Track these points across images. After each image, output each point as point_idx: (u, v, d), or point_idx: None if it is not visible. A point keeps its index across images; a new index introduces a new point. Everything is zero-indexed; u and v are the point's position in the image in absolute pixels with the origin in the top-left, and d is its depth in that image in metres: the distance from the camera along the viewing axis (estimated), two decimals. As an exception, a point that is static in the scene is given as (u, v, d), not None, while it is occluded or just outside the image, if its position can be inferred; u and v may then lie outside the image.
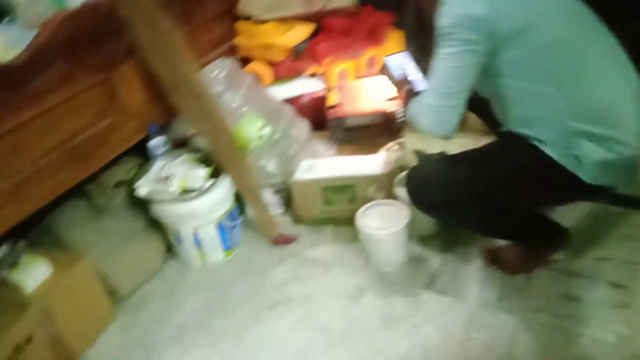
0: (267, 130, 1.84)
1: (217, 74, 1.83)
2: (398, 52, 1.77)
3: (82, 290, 1.56)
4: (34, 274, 1.47)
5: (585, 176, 1.30)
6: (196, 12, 2.04)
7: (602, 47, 1.35)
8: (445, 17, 1.28)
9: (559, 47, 1.30)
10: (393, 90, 1.99)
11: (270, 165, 1.85)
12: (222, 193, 1.77)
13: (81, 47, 1.54)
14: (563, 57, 1.30)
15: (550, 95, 1.30)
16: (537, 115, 1.33)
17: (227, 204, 1.81)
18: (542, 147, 1.32)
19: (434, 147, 2.07)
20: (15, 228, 1.48)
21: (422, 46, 2.36)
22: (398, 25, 2.32)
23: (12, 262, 1.48)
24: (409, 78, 1.62)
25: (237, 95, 1.83)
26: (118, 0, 1.55)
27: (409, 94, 1.57)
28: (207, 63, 1.94)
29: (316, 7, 2.15)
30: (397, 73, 1.65)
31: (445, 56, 1.30)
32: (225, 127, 1.74)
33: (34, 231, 1.74)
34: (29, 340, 1.37)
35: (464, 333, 1.43)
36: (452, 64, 1.29)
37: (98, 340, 1.60)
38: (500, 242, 1.69)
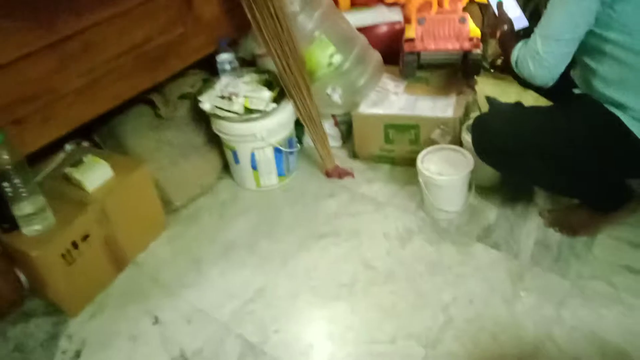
0: (337, 58, 1.77)
1: (295, -8, 1.75)
2: None
3: (138, 196, 1.61)
4: (95, 174, 1.51)
5: None
6: None
7: None
8: None
9: None
10: (478, 30, 1.86)
11: (336, 95, 1.79)
12: (283, 118, 1.75)
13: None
14: None
15: None
16: (631, 77, 1.24)
17: (287, 130, 1.79)
18: (622, 117, 1.26)
19: (508, 95, 1.96)
20: (81, 128, 1.53)
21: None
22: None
23: (75, 161, 1.53)
24: (510, 16, 1.51)
25: (312, 18, 1.75)
26: None
27: (508, 35, 1.46)
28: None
29: None
30: (497, 7, 1.53)
31: (562, 1, 1.23)
32: (296, 50, 1.69)
33: (99, 133, 1.80)
34: (85, 237, 1.44)
35: (511, 289, 1.39)
36: (570, 9, 1.23)
37: (149, 247, 1.66)
38: (563, 203, 1.61)
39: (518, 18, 1.53)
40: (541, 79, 1.32)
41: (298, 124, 1.84)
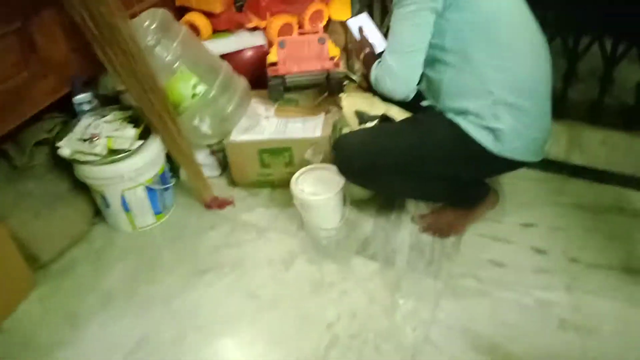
0: (201, 88, 1.75)
1: (148, 24, 1.70)
2: (360, 13, 1.72)
3: (-2, 258, 1.48)
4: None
5: (501, 150, 1.35)
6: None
7: (533, 25, 1.40)
8: None
9: (504, 18, 1.34)
10: (337, 49, 1.94)
11: (204, 125, 1.77)
12: (151, 154, 1.69)
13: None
14: (506, 28, 1.34)
15: (486, 63, 1.33)
16: (466, 84, 1.36)
17: (158, 165, 1.74)
18: (461, 122, 1.36)
19: (377, 107, 2.04)
20: None
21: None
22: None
23: None
24: (370, 40, 1.59)
25: (170, 49, 1.71)
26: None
27: (369, 57, 1.54)
28: (140, 11, 1.82)
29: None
30: (357, 35, 1.61)
31: (404, 15, 1.34)
32: (156, 84, 1.64)
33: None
34: None
35: (390, 299, 1.45)
36: (412, 23, 1.33)
37: (17, 311, 1.53)
38: (431, 206, 1.71)
39: (379, 41, 1.62)
40: (400, 93, 1.42)
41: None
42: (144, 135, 1.70)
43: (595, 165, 1.83)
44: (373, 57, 1.54)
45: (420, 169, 1.45)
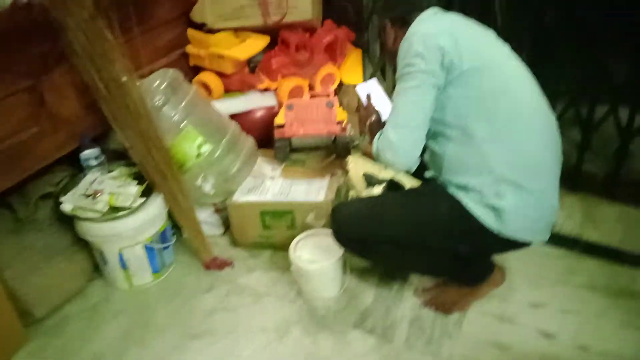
0: (207, 148, 1.75)
1: (158, 84, 1.73)
2: (370, 78, 1.73)
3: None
4: None
5: (503, 229, 1.30)
6: (148, 15, 1.95)
7: (540, 101, 1.38)
8: (409, 48, 1.32)
9: (505, 95, 1.32)
10: (345, 113, 1.94)
11: (208, 185, 1.76)
12: (152, 213, 1.68)
13: (8, 50, 1.46)
14: (507, 105, 1.32)
15: (487, 140, 1.30)
16: (468, 159, 1.33)
17: (158, 224, 1.73)
18: (463, 197, 1.32)
19: (386, 170, 2.02)
20: None
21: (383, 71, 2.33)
22: (358, 44, 2.26)
23: None
24: (377, 108, 1.59)
25: (177, 108, 1.73)
26: (51, 2, 1.47)
27: (374, 125, 1.53)
28: (154, 70, 1.86)
29: (274, 18, 2.07)
30: (366, 100, 1.61)
31: (406, 90, 1.33)
32: (160, 143, 1.66)
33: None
34: None
35: (385, 380, 1.38)
36: (413, 98, 1.32)
37: (4, 366, 1.50)
38: (436, 280, 1.65)
39: (386, 109, 1.61)
40: (400, 166, 1.38)
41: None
42: (147, 193, 1.70)
43: (610, 243, 1.75)
44: (378, 125, 1.53)
45: (418, 243, 1.40)
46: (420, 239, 1.39)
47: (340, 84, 2.22)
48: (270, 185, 1.86)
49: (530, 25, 1.93)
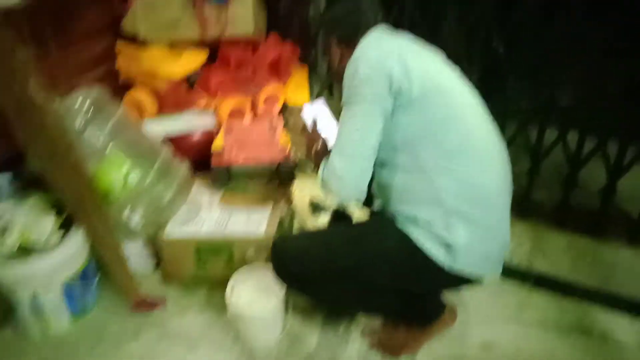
0: (135, 176, 1.58)
1: (80, 104, 1.55)
2: (316, 100, 1.61)
3: None
4: None
5: (454, 265, 1.21)
6: (69, 26, 1.76)
7: (490, 130, 1.31)
8: (355, 71, 1.22)
9: (455, 122, 1.24)
10: (299, 140, 1.82)
11: (135, 218, 1.59)
12: (72, 249, 1.50)
13: None
14: (457, 133, 1.24)
15: (437, 169, 1.22)
16: (417, 189, 1.24)
17: (79, 261, 1.54)
18: (412, 231, 1.23)
19: (331, 197, 1.91)
20: None
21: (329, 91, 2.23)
22: (305, 61, 2.14)
23: None
24: (323, 133, 1.47)
25: (102, 132, 1.56)
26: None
27: (320, 153, 1.42)
28: (81, 87, 1.68)
29: (213, 32, 1.92)
30: (311, 124, 1.50)
31: (352, 116, 1.24)
32: (82, 170, 1.47)
33: None
34: None
35: None
36: (360, 125, 1.23)
37: None
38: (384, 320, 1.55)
39: (334, 133, 1.50)
40: (347, 197, 1.28)
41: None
42: (67, 225, 1.51)
43: (559, 273, 1.71)
44: (324, 152, 1.42)
45: (364, 280, 1.30)
46: (367, 276, 1.28)
47: (285, 104, 2.10)
48: (206, 215, 1.71)
49: (480, 49, 1.87)
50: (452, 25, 1.85)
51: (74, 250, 1.51)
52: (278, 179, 1.78)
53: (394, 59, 1.20)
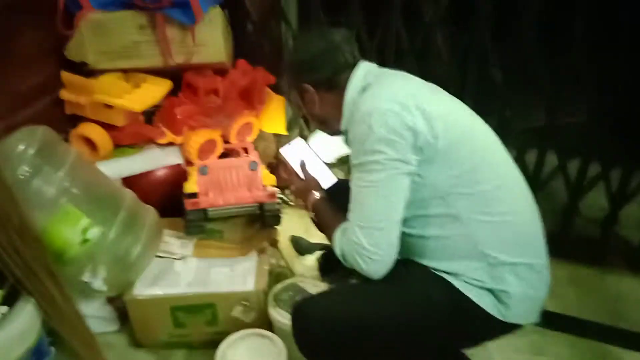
0: (95, 231, 1.33)
1: (23, 149, 1.28)
2: (296, 139, 1.42)
3: None
4: None
5: (508, 315, 1.07)
6: (2, 53, 1.48)
7: (511, 164, 1.17)
8: (369, 131, 1.03)
9: (483, 165, 1.09)
10: (272, 176, 1.62)
11: (98, 280, 1.33)
12: (20, 326, 1.21)
13: None
14: (488, 176, 1.09)
15: (473, 221, 1.07)
16: (455, 245, 1.08)
17: (29, 338, 1.25)
18: (455, 282, 1.08)
19: (315, 232, 1.73)
20: None
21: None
22: (278, 89, 1.94)
23: None
24: (314, 174, 1.30)
25: (52, 180, 1.30)
26: None
27: (322, 205, 1.23)
28: (18, 123, 1.42)
29: (178, 59, 1.69)
30: (298, 170, 1.31)
31: (372, 181, 1.05)
32: (28, 229, 1.20)
33: None
34: None
35: None
36: (384, 192, 1.04)
37: None
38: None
39: (322, 173, 1.33)
40: (377, 273, 1.08)
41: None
42: (11, 298, 1.23)
43: (568, 310, 1.61)
44: (325, 205, 1.24)
45: (406, 342, 1.11)
46: (413, 333, 1.10)
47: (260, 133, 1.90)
48: (181, 269, 1.48)
49: (475, 74, 1.77)
50: (443, 49, 1.74)
51: (22, 326, 1.22)
52: (261, 221, 1.58)
53: (412, 112, 1.03)
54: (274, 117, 1.89)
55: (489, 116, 1.20)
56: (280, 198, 1.94)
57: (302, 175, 1.30)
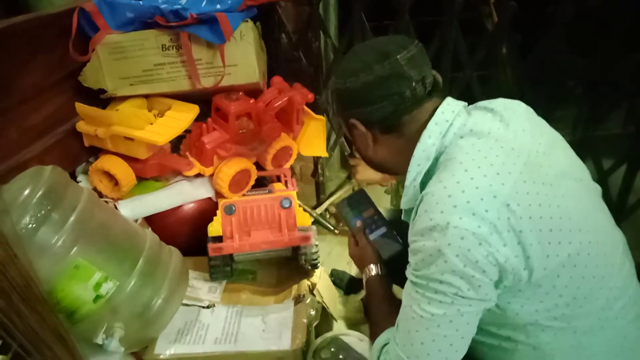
0: (109, 286, 1.17)
1: (29, 194, 1.14)
2: (357, 191, 1.25)
3: None
4: None
5: None
6: (7, 84, 1.35)
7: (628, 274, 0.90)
8: (438, 254, 0.76)
9: (589, 297, 0.83)
10: (307, 215, 1.42)
11: (114, 342, 1.17)
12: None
13: None
14: (587, 315, 0.84)
15: (556, 353, 0.86)
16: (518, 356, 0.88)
17: (38, 410, 1.13)
18: None
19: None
20: None
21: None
22: (317, 107, 1.73)
23: None
24: (374, 239, 1.13)
25: (61, 231, 1.14)
26: None
27: (375, 283, 1.05)
28: (28, 159, 1.29)
29: (206, 82, 1.52)
30: (360, 236, 1.14)
31: (428, 316, 0.80)
32: (32, 289, 1.06)
33: None
34: None
35: None
36: (445, 332, 0.80)
37: None
38: None
39: (385, 241, 1.13)
40: None
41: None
42: (16, 365, 1.10)
43: None
44: (378, 287, 1.04)
45: None
46: None
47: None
48: (208, 321, 1.30)
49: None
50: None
51: (28, 398, 1.09)
52: (297, 267, 1.38)
53: (504, 235, 0.76)
54: (313, 138, 1.69)
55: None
56: (318, 221, 1.74)
57: (359, 240, 1.10)
